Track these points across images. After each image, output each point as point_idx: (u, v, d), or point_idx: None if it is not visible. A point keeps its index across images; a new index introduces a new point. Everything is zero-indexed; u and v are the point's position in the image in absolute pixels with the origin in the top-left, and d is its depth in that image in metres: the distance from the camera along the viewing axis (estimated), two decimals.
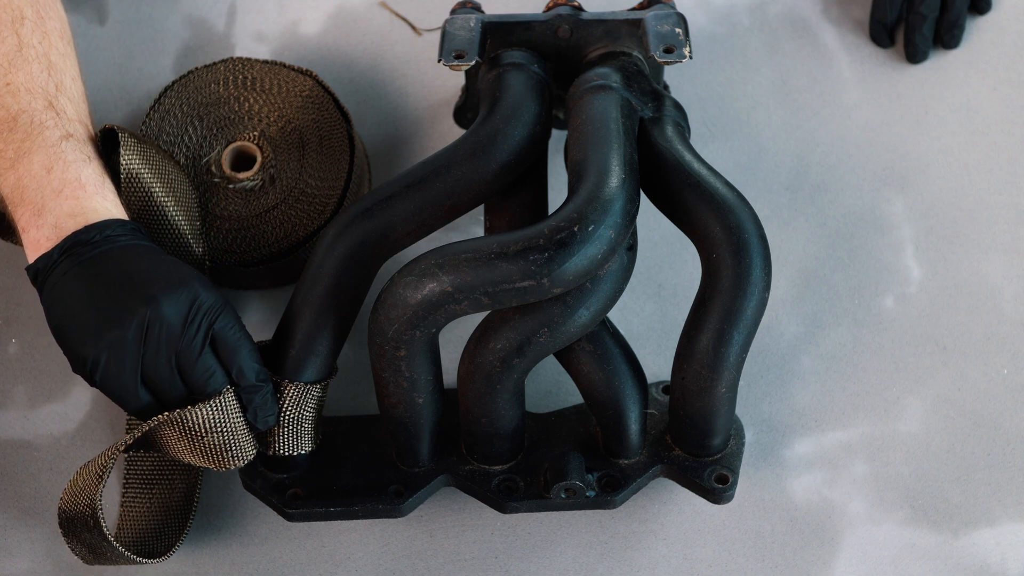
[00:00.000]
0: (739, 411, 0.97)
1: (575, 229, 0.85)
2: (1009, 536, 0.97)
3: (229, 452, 0.89)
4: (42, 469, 1.01)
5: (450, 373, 0.96)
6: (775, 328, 1.05)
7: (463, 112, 1.09)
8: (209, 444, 0.88)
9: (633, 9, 1.02)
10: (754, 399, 1.02)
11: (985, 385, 1.02)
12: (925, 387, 1.02)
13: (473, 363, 0.90)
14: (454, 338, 1.01)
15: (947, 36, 1.16)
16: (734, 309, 0.88)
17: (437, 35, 1.17)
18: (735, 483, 0.94)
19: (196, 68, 1.10)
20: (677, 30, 0.97)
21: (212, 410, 0.87)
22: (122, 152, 0.94)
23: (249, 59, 1.10)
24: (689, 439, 0.93)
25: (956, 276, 1.07)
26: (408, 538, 0.98)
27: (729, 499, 0.94)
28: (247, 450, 0.90)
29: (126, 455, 0.98)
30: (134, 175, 0.95)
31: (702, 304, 0.89)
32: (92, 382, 0.87)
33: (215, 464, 0.89)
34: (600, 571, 0.96)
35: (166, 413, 0.87)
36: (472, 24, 0.99)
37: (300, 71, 1.09)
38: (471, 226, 1.09)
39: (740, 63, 1.16)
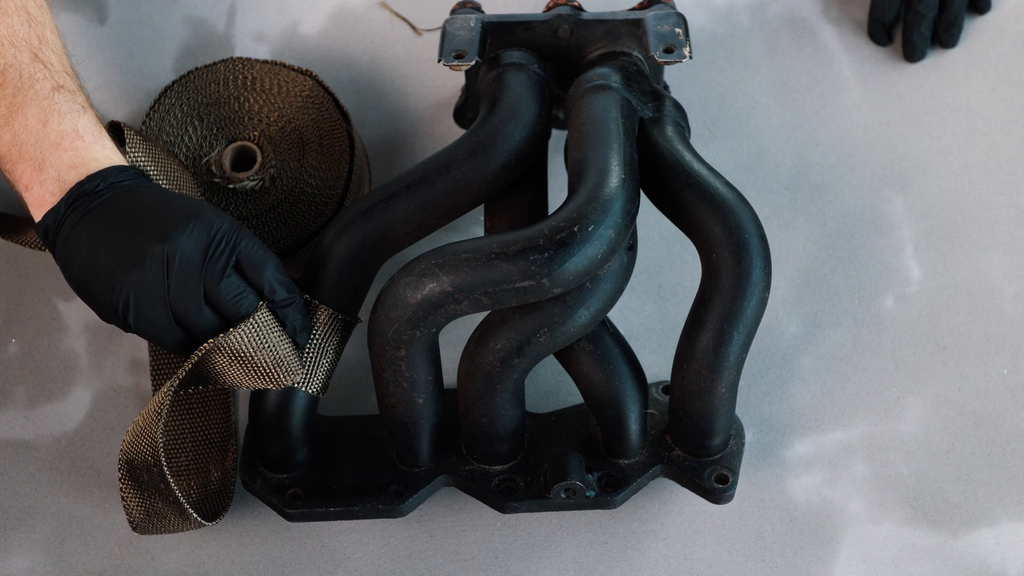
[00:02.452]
0: (739, 411, 0.97)
1: (575, 229, 0.85)
2: (1009, 536, 0.97)
3: (281, 367, 0.89)
4: (42, 469, 1.01)
5: (450, 373, 0.96)
6: (775, 328, 1.05)
7: (463, 112, 1.09)
8: (260, 363, 0.88)
9: (633, 9, 1.02)
10: (754, 399, 1.02)
11: (985, 385, 1.02)
12: (925, 387, 1.02)
13: (473, 363, 0.90)
14: (454, 338, 1.01)
15: (945, 35, 1.16)
16: (734, 309, 0.88)
17: (437, 35, 1.17)
18: (735, 483, 0.94)
19: (196, 68, 1.10)
20: (677, 30, 0.97)
21: (251, 328, 0.87)
22: (128, 148, 0.95)
23: (249, 59, 1.10)
24: (689, 439, 0.93)
25: (956, 276, 1.07)
26: (408, 538, 0.98)
27: (729, 499, 0.94)
28: (296, 364, 0.90)
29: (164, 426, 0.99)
30: (139, 170, 0.95)
31: (702, 304, 0.89)
32: (127, 327, 0.87)
33: (272, 382, 0.89)
34: (600, 571, 0.96)
35: (210, 340, 0.87)
36: (472, 24, 0.99)
37: (300, 71, 1.09)
38: (471, 226, 1.09)
39: (740, 63, 1.16)
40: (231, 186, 1.04)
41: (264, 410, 0.93)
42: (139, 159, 0.95)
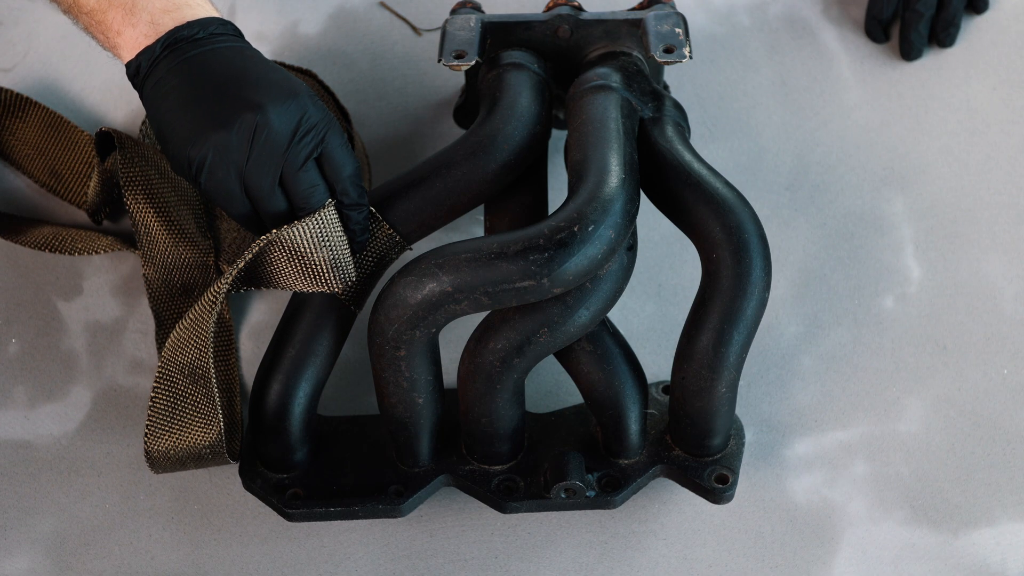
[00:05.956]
0: (739, 411, 0.97)
1: (575, 229, 0.85)
2: (1009, 536, 0.97)
3: (337, 269, 0.89)
4: (42, 469, 1.01)
5: (450, 373, 0.96)
6: (775, 328, 1.05)
7: (463, 112, 1.09)
8: (316, 263, 0.88)
9: (633, 9, 1.02)
10: (754, 399, 1.02)
11: (985, 385, 1.02)
12: (925, 387, 1.02)
13: (473, 363, 0.90)
14: (454, 338, 1.01)
15: (942, 34, 1.16)
16: (734, 309, 0.88)
17: (437, 35, 1.17)
18: (735, 483, 0.94)
19: None
20: (677, 30, 0.97)
21: (316, 223, 0.87)
22: (120, 154, 0.95)
23: None
24: (689, 439, 0.93)
25: (956, 276, 1.07)
26: (408, 538, 0.98)
27: (729, 499, 0.94)
28: (351, 268, 0.90)
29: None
30: (137, 173, 0.95)
31: (702, 304, 0.89)
32: (196, 184, 0.86)
33: (323, 285, 0.89)
34: (600, 571, 0.96)
35: (272, 231, 0.86)
36: (472, 24, 1.00)
37: (300, 71, 1.09)
38: (471, 226, 1.09)
39: (740, 63, 1.16)
40: None
41: (264, 410, 0.93)
42: (134, 163, 0.95)
